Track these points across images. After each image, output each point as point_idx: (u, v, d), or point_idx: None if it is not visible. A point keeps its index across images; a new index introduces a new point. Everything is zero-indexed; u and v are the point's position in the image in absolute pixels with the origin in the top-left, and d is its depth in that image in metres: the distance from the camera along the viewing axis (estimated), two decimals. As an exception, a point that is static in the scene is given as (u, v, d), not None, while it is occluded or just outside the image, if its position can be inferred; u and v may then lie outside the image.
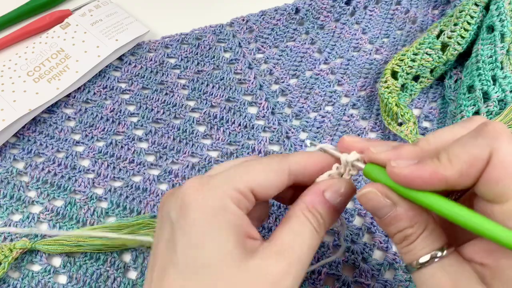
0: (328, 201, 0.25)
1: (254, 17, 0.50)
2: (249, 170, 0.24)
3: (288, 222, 0.24)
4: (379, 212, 0.23)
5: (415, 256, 0.22)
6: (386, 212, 0.23)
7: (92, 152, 0.41)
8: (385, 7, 0.52)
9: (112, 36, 0.47)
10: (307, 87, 0.45)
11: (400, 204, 0.23)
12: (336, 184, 0.25)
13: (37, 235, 0.36)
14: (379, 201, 0.23)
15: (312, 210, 0.25)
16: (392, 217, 0.23)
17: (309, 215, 0.24)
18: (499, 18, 0.41)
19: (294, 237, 0.24)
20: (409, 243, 0.23)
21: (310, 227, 0.24)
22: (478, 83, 0.39)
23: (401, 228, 0.23)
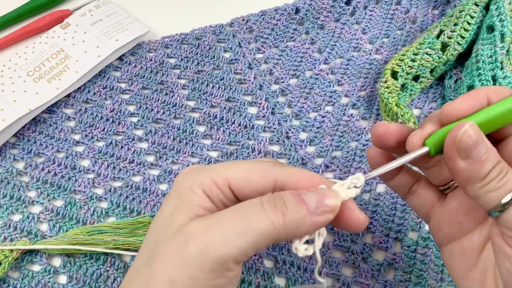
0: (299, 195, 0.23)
1: (254, 17, 0.50)
2: (233, 166, 0.25)
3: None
4: (477, 149, 0.23)
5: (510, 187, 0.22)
6: (482, 148, 0.23)
7: (92, 152, 0.41)
8: (385, 7, 0.52)
9: (112, 36, 0.47)
10: (307, 87, 0.45)
11: (487, 140, 0.23)
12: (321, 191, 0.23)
13: (37, 235, 0.36)
14: (478, 135, 0.23)
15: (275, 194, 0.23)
16: (488, 152, 0.23)
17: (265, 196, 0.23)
18: (499, 18, 0.41)
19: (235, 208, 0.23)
20: (503, 175, 0.23)
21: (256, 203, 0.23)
22: (478, 83, 0.39)
23: (496, 161, 0.23)
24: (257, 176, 0.24)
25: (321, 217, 0.23)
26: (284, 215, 0.22)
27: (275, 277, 0.35)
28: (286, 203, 0.23)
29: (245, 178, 0.24)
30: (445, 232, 0.27)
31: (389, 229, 0.36)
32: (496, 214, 0.23)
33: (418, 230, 0.36)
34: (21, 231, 0.37)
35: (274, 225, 0.22)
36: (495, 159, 0.23)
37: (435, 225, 0.28)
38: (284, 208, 0.22)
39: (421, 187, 0.28)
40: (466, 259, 0.26)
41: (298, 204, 0.23)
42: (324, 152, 0.41)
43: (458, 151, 0.23)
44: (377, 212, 0.37)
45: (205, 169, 0.25)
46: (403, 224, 0.37)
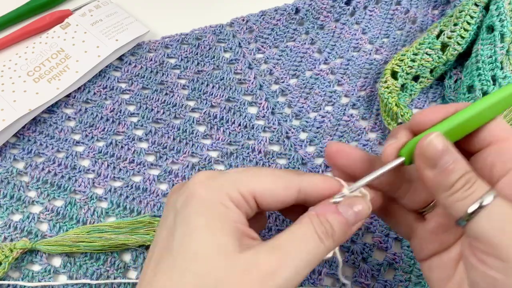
0: (340, 213, 0.24)
1: (254, 17, 0.50)
2: (256, 177, 0.24)
3: (292, 226, 0.24)
4: (444, 159, 0.23)
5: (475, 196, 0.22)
6: (449, 159, 0.23)
7: (92, 152, 0.41)
8: (385, 7, 0.52)
9: (112, 36, 0.47)
10: (307, 87, 0.45)
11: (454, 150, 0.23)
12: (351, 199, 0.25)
13: (37, 235, 0.36)
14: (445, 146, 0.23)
15: (320, 217, 0.24)
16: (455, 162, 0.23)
17: (315, 221, 0.24)
18: (499, 18, 0.41)
19: (293, 238, 0.23)
20: (470, 186, 0.23)
21: (313, 233, 0.23)
22: (478, 83, 0.39)
23: (463, 172, 0.23)
24: (282, 188, 0.24)
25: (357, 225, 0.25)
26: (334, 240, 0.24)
27: (275, 277, 0.35)
28: (334, 227, 0.24)
29: (271, 190, 0.24)
30: (427, 249, 0.27)
31: (389, 229, 0.36)
32: (463, 223, 0.23)
33: (418, 230, 0.36)
34: (21, 231, 0.37)
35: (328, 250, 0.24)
36: (463, 168, 0.23)
37: (416, 245, 0.28)
38: (334, 233, 0.24)
39: (395, 210, 0.28)
40: (444, 272, 0.26)
41: (342, 224, 0.24)
42: (324, 152, 0.41)
43: (425, 161, 0.23)
44: (377, 212, 0.37)
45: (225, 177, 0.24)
46: (403, 224, 0.37)
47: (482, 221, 0.22)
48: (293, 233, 0.24)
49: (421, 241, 0.27)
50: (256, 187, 0.24)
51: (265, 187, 0.24)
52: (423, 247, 0.27)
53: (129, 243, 0.35)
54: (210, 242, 0.22)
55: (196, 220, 0.23)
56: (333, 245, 0.24)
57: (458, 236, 0.26)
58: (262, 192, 0.24)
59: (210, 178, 0.24)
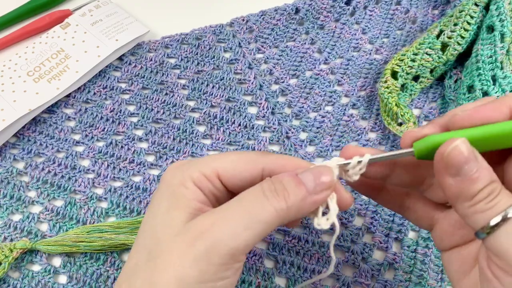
0: (297, 176, 0.23)
1: (254, 17, 0.50)
2: (220, 158, 0.25)
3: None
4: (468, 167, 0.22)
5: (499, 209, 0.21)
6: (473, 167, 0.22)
7: (92, 152, 0.41)
8: (385, 7, 0.52)
9: (112, 36, 0.47)
10: (307, 87, 0.45)
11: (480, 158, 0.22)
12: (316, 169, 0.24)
13: (37, 235, 0.36)
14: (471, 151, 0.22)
15: (274, 178, 0.23)
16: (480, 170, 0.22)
17: (266, 182, 0.23)
18: (499, 18, 0.41)
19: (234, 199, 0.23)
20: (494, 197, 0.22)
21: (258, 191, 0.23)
22: (478, 83, 0.39)
23: (489, 181, 0.22)
24: (245, 165, 0.25)
25: (320, 195, 0.23)
26: (286, 200, 0.23)
27: (275, 277, 0.35)
28: (287, 187, 0.23)
29: (234, 168, 0.24)
30: (447, 241, 0.27)
31: (389, 229, 0.36)
32: (483, 235, 0.22)
33: (418, 230, 0.36)
34: (21, 231, 0.37)
35: (278, 212, 0.23)
36: (488, 178, 0.22)
37: (437, 236, 0.27)
38: (285, 192, 0.23)
39: (414, 203, 0.28)
40: (462, 266, 0.25)
41: (297, 186, 0.23)
42: (324, 152, 0.41)
43: (447, 167, 0.22)
44: (377, 212, 0.37)
45: (192, 162, 0.25)
46: (403, 224, 0.37)
47: (503, 236, 0.21)
48: (238, 196, 0.23)
49: (442, 233, 0.27)
50: (218, 166, 0.24)
51: (227, 165, 0.24)
52: (444, 238, 0.27)
53: (129, 243, 0.35)
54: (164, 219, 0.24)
55: (159, 203, 0.24)
56: (285, 206, 0.23)
57: None
58: (225, 169, 0.24)
59: (180, 164, 0.25)
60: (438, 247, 0.27)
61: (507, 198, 0.22)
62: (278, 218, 0.23)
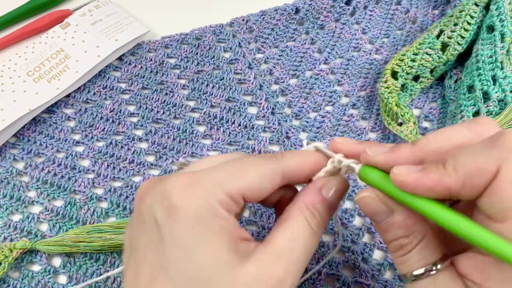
0: (325, 199, 0.24)
1: (254, 17, 0.50)
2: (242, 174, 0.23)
3: (286, 223, 0.23)
4: (376, 217, 0.23)
5: (410, 268, 0.22)
6: (383, 218, 0.22)
7: (92, 152, 0.41)
8: (385, 7, 0.52)
9: (112, 36, 0.47)
10: (307, 87, 0.45)
11: (398, 212, 0.22)
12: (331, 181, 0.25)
13: (37, 235, 0.36)
14: (377, 206, 0.22)
15: (312, 209, 0.24)
16: (389, 224, 0.22)
17: (308, 215, 0.24)
18: (499, 18, 0.41)
19: (292, 239, 0.23)
20: (404, 253, 0.22)
21: (309, 228, 0.23)
22: (478, 83, 0.39)
23: (397, 236, 0.22)
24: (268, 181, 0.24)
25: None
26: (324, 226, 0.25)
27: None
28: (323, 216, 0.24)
29: (259, 187, 0.23)
30: None
31: (389, 229, 0.36)
32: (407, 281, 0.22)
33: (418, 230, 0.36)
34: (21, 231, 0.37)
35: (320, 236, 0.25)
36: (397, 233, 0.22)
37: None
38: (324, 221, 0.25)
39: None
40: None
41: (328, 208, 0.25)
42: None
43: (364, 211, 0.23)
44: (377, 212, 0.37)
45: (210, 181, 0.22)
46: (403, 224, 0.37)
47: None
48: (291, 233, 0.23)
49: None
50: (243, 185, 0.23)
51: (253, 183, 0.23)
52: None
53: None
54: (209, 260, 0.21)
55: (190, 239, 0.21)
56: (322, 232, 0.24)
57: None
58: (249, 190, 0.23)
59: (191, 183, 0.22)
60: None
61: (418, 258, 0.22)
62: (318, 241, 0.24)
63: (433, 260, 0.21)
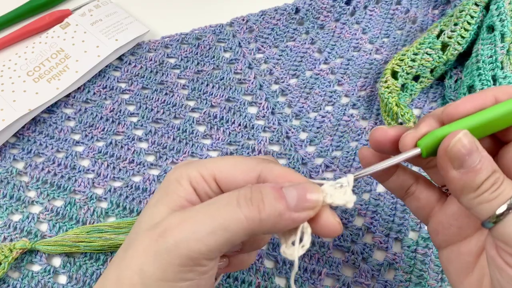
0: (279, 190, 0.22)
1: (254, 17, 0.50)
2: (219, 160, 0.25)
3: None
4: (471, 159, 0.22)
5: (504, 198, 0.22)
6: (476, 158, 0.22)
7: (92, 152, 0.41)
8: (385, 7, 0.52)
9: (112, 36, 0.47)
10: (307, 87, 0.45)
11: (482, 149, 0.22)
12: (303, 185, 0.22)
13: (37, 235, 0.36)
14: (473, 144, 0.22)
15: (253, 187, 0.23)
16: (482, 161, 0.22)
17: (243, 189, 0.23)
18: (499, 18, 0.41)
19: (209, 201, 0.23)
20: (498, 186, 0.22)
21: (232, 197, 0.22)
22: (478, 83, 0.39)
23: (491, 170, 0.22)
24: (241, 170, 0.24)
25: (301, 214, 0.22)
26: (260, 212, 0.21)
27: (275, 277, 0.35)
28: (264, 199, 0.22)
29: (230, 172, 0.24)
30: (443, 235, 0.26)
31: (389, 229, 0.36)
32: (490, 225, 0.22)
33: (418, 230, 0.36)
34: (21, 231, 0.37)
35: (248, 222, 0.21)
36: (490, 168, 0.22)
37: (433, 228, 0.27)
38: (261, 203, 0.22)
39: (419, 189, 0.28)
40: (463, 264, 0.25)
41: (276, 200, 0.22)
42: (324, 152, 0.41)
43: (450, 160, 0.22)
44: (377, 212, 0.37)
45: (194, 163, 0.25)
46: (403, 224, 0.37)
47: (511, 224, 0.21)
48: (213, 199, 0.23)
49: (438, 226, 0.27)
50: (216, 168, 0.24)
51: (225, 169, 0.24)
52: (440, 232, 0.26)
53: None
54: (149, 212, 0.24)
55: (153, 196, 0.25)
56: (258, 218, 0.21)
57: (477, 228, 0.25)
58: (222, 172, 0.24)
59: (184, 163, 0.26)
60: (435, 243, 0.27)
61: (510, 187, 0.22)
62: (248, 229, 0.21)
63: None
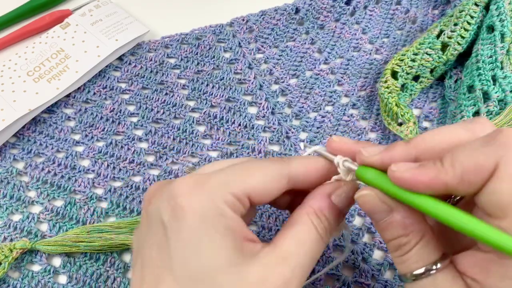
0: (335, 205, 0.24)
1: (254, 17, 0.50)
2: (248, 175, 0.23)
3: (293, 227, 0.23)
4: (376, 216, 0.23)
5: (409, 268, 0.22)
6: (382, 217, 0.22)
7: (92, 152, 0.41)
8: (385, 7, 0.52)
9: (112, 36, 0.47)
10: (307, 87, 0.45)
11: (397, 210, 0.22)
12: (342, 187, 0.25)
13: (37, 235, 0.36)
14: (376, 204, 0.22)
15: (319, 214, 0.24)
16: (388, 222, 0.22)
17: (316, 221, 0.24)
18: (499, 18, 0.41)
19: (299, 244, 0.23)
20: (403, 253, 0.22)
21: (316, 234, 0.23)
22: (478, 83, 0.39)
23: (396, 235, 0.22)
24: (273, 182, 0.24)
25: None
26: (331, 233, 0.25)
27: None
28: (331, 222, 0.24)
29: (264, 188, 0.23)
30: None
31: (389, 229, 0.36)
32: (407, 281, 0.22)
33: (418, 230, 0.36)
34: (21, 231, 0.37)
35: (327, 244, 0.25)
36: (395, 232, 0.22)
37: None
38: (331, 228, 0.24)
39: None
40: None
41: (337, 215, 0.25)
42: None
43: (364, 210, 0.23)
44: (377, 212, 0.37)
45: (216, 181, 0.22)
46: (403, 224, 0.37)
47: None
48: (298, 238, 0.23)
49: None
50: (249, 186, 0.23)
51: (258, 184, 0.23)
52: None
53: (129, 243, 0.35)
54: (214, 259, 0.21)
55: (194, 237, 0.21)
56: (329, 238, 0.24)
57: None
58: (255, 191, 0.23)
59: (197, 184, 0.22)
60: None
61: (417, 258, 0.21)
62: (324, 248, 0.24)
63: (433, 259, 0.21)
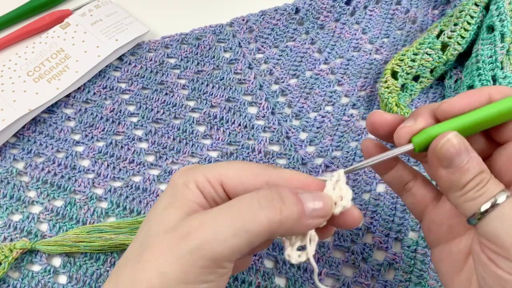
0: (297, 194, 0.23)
1: (254, 17, 0.50)
2: (226, 165, 0.25)
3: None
4: (459, 159, 0.23)
5: (488, 196, 0.22)
6: (464, 158, 0.23)
7: (92, 152, 0.41)
8: (385, 7, 0.52)
9: (112, 36, 0.47)
10: (307, 87, 0.45)
11: (471, 150, 0.23)
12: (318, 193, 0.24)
13: (37, 235, 0.36)
14: (462, 143, 0.23)
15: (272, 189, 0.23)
16: (470, 162, 0.23)
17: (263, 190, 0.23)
18: (499, 18, 0.41)
19: (227, 203, 0.23)
20: (483, 185, 0.23)
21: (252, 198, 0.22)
22: (478, 83, 0.39)
23: (478, 171, 0.23)
24: (249, 176, 0.24)
25: (314, 221, 0.23)
26: (281, 213, 0.22)
27: (275, 277, 0.35)
28: (285, 201, 0.22)
29: (238, 177, 0.24)
30: (435, 233, 0.27)
31: (389, 229, 0.36)
32: (474, 222, 0.23)
33: (418, 230, 0.36)
34: (21, 231, 0.37)
35: (269, 223, 0.22)
36: (477, 169, 0.23)
37: (426, 226, 0.28)
38: (282, 205, 0.22)
39: (417, 185, 0.28)
40: (453, 263, 0.26)
41: (295, 203, 0.23)
42: (324, 152, 0.41)
43: (440, 159, 0.23)
44: (377, 212, 0.37)
45: (200, 167, 0.25)
46: (403, 224, 0.37)
47: (494, 221, 0.22)
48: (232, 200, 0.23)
49: (431, 223, 0.27)
50: (223, 173, 0.24)
51: (231, 174, 0.24)
52: (433, 230, 0.27)
53: (129, 243, 0.35)
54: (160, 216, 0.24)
55: (160, 200, 0.25)
56: (277, 220, 0.22)
57: (468, 227, 0.26)
58: (229, 177, 0.24)
59: (189, 168, 0.26)
60: (427, 241, 0.28)
61: (495, 186, 0.23)
62: (268, 230, 0.22)
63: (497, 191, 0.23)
